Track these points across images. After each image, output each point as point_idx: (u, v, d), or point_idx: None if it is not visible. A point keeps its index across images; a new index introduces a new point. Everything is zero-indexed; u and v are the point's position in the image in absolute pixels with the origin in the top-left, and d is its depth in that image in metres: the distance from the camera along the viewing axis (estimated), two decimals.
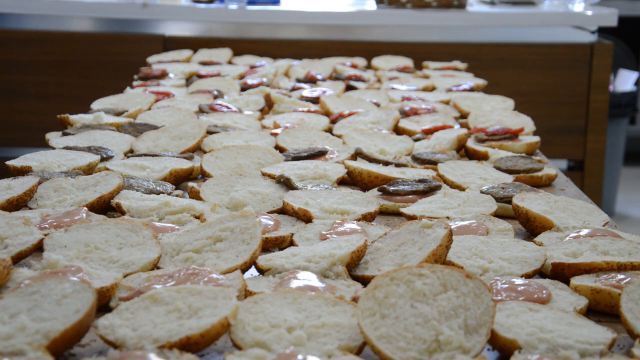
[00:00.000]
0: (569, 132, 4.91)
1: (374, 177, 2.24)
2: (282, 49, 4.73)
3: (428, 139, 2.68)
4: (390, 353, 1.28)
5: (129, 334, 1.30)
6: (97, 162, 2.28)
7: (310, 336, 1.34)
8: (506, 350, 1.34)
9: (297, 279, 1.53)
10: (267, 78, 3.51)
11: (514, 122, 2.84)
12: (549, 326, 1.39)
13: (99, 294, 1.45)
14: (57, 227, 1.78)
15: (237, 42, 4.69)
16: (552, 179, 2.39)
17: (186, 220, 1.90)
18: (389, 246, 1.70)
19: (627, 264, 1.63)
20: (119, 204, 1.96)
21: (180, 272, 1.53)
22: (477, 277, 1.38)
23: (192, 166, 2.29)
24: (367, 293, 1.36)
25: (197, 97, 3.15)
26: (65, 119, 2.70)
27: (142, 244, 1.68)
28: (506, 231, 1.87)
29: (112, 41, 4.85)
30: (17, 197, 1.95)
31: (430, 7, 4.91)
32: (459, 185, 2.24)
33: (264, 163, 2.37)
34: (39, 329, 1.28)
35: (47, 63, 4.83)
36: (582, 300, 1.54)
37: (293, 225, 1.92)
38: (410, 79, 3.67)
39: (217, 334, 1.32)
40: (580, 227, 1.87)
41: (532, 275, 1.65)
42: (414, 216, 1.96)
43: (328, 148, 2.48)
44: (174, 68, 3.71)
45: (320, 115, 2.94)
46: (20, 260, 1.67)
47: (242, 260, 1.62)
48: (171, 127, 2.59)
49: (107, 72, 4.82)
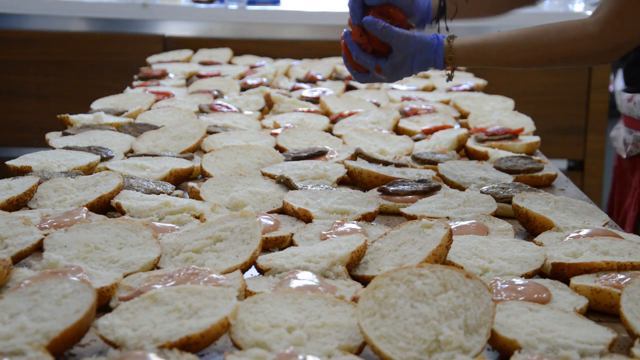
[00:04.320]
0: (569, 132, 4.91)
1: (374, 177, 2.24)
2: (282, 49, 4.73)
3: (428, 139, 2.69)
4: (390, 353, 1.28)
5: (129, 334, 1.30)
6: (97, 162, 2.28)
7: (310, 336, 1.34)
8: (506, 350, 1.34)
9: (297, 279, 1.53)
10: (267, 78, 3.51)
11: (514, 122, 2.84)
12: (549, 326, 1.39)
13: (99, 294, 1.45)
14: (57, 227, 1.78)
15: (237, 42, 4.69)
16: (552, 179, 2.39)
17: (186, 220, 1.90)
18: (389, 246, 1.70)
19: (627, 264, 1.63)
20: (119, 204, 1.96)
21: (180, 272, 1.53)
22: (477, 277, 1.39)
23: (192, 166, 2.29)
24: (367, 293, 1.36)
25: (197, 97, 3.15)
26: (65, 119, 2.70)
27: (142, 244, 1.68)
28: (506, 231, 1.87)
29: (112, 41, 4.85)
30: (17, 197, 1.95)
31: None
32: (459, 185, 2.24)
33: (264, 163, 2.37)
34: (39, 329, 1.28)
35: (47, 63, 4.83)
36: (582, 300, 1.54)
37: (293, 225, 1.92)
38: (410, 79, 3.67)
39: (217, 334, 1.32)
40: (580, 227, 1.87)
41: (532, 275, 1.65)
42: (414, 216, 1.96)
43: (328, 148, 2.48)
44: (174, 68, 3.71)
45: (320, 115, 2.94)
46: (20, 260, 1.67)
47: (242, 260, 1.62)
48: (171, 127, 2.59)
49: (107, 72, 4.82)
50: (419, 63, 2.25)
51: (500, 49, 2.22)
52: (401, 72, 2.27)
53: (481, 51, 2.24)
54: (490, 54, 2.24)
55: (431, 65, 2.26)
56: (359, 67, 2.32)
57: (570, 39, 2.16)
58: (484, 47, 2.24)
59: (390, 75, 2.28)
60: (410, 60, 2.24)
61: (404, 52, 2.23)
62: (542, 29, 2.20)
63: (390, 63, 2.25)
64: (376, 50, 2.28)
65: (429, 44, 2.23)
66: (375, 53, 2.28)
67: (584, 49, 2.16)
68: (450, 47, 2.23)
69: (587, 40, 2.15)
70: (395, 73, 2.27)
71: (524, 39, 2.21)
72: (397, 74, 2.28)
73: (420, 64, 2.25)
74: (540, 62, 2.24)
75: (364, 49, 2.28)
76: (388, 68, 2.26)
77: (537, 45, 2.19)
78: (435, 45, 2.23)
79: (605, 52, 2.17)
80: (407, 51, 2.23)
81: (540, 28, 2.21)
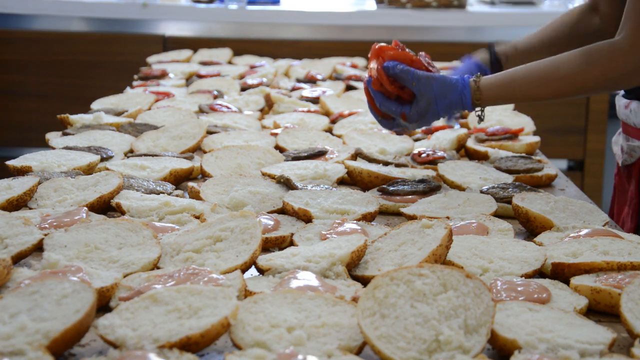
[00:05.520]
0: (569, 132, 4.91)
1: (374, 177, 2.24)
2: (282, 49, 4.73)
3: (428, 139, 2.69)
4: (390, 353, 1.28)
5: (129, 334, 1.30)
6: (97, 162, 2.28)
7: (310, 336, 1.34)
8: (506, 350, 1.34)
9: (297, 279, 1.53)
10: (267, 78, 3.51)
11: (514, 122, 2.84)
12: (549, 326, 1.39)
13: (99, 294, 1.45)
14: (57, 227, 1.78)
15: (237, 42, 4.68)
16: (552, 179, 2.39)
17: (186, 220, 1.90)
18: (389, 246, 1.70)
19: (627, 264, 1.63)
20: (119, 204, 1.96)
21: (180, 272, 1.53)
22: (477, 277, 1.39)
23: (192, 166, 2.29)
24: (367, 293, 1.36)
25: (197, 97, 3.15)
26: (65, 119, 2.70)
27: (142, 244, 1.68)
28: (506, 231, 1.87)
29: (112, 41, 4.85)
30: (17, 197, 1.95)
31: (430, 7, 4.91)
32: (459, 185, 2.24)
33: (264, 163, 2.37)
34: (39, 329, 1.28)
35: (47, 63, 4.83)
36: (582, 300, 1.54)
37: (293, 225, 1.92)
38: None
39: (217, 334, 1.32)
40: (580, 227, 1.87)
41: (532, 275, 1.65)
42: (414, 216, 1.96)
43: (328, 148, 2.48)
44: (174, 68, 3.71)
45: (320, 115, 2.94)
46: (20, 260, 1.67)
47: (242, 260, 1.62)
48: (171, 127, 2.59)
49: (107, 72, 4.81)
50: (444, 106, 2.16)
51: (530, 83, 2.13)
52: (427, 117, 2.18)
53: (510, 88, 2.15)
54: (521, 90, 2.14)
55: (459, 108, 2.17)
56: (384, 115, 2.24)
57: (601, 60, 2.06)
58: (512, 83, 2.15)
59: (416, 121, 2.19)
60: (435, 104, 2.15)
61: (428, 95, 2.15)
62: (571, 55, 2.10)
63: (415, 109, 2.17)
64: (400, 97, 2.19)
65: (454, 86, 2.15)
66: (400, 100, 2.20)
67: (617, 68, 2.05)
68: (478, 87, 2.15)
69: (619, 58, 2.04)
70: (421, 119, 2.19)
71: (552, 69, 2.11)
72: (424, 120, 2.19)
73: (446, 106, 2.16)
74: (574, 91, 2.13)
75: (387, 97, 2.20)
76: (414, 115, 2.17)
77: (568, 74, 2.08)
78: (461, 87, 2.15)
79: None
80: (430, 94, 2.15)
81: (569, 55, 2.10)
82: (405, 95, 2.19)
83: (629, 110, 2.31)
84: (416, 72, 2.16)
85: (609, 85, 2.13)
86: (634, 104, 2.31)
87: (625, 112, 2.33)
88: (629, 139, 2.35)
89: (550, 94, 2.15)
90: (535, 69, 2.14)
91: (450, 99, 2.16)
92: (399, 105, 2.20)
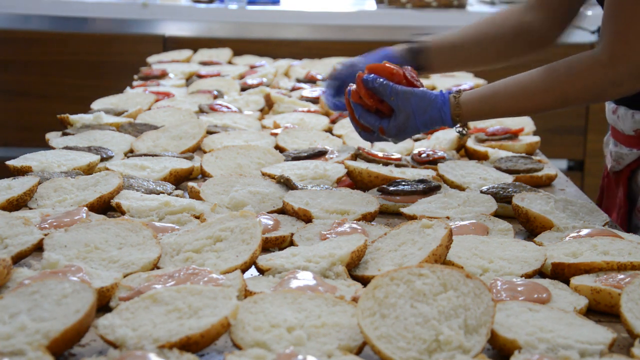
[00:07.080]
0: (569, 132, 4.91)
1: (374, 177, 2.24)
2: (282, 49, 4.73)
3: (428, 139, 2.69)
4: (390, 353, 1.28)
5: (129, 334, 1.30)
6: (97, 162, 2.28)
7: (310, 336, 1.34)
8: (506, 350, 1.34)
9: (297, 279, 1.53)
10: (267, 78, 3.51)
11: (513, 122, 2.84)
12: (549, 326, 1.39)
13: (99, 294, 1.45)
14: (57, 227, 1.78)
15: (237, 42, 4.68)
16: (552, 179, 2.39)
17: (186, 220, 1.90)
18: (389, 246, 1.70)
19: (627, 264, 1.63)
20: (119, 204, 1.96)
21: (180, 272, 1.53)
22: (477, 277, 1.39)
23: (192, 166, 2.29)
24: (367, 293, 1.36)
25: (197, 97, 3.15)
26: (66, 119, 2.70)
27: (142, 244, 1.68)
28: (506, 231, 1.87)
29: (112, 41, 4.85)
30: (17, 197, 1.95)
31: (430, 7, 4.91)
32: (459, 185, 2.24)
33: (264, 163, 2.37)
34: (39, 329, 1.28)
35: (47, 63, 4.83)
36: (582, 300, 1.54)
37: (293, 225, 1.92)
38: None
39: (217, 334, 1.32)
40: (580, 227, 1.87)
41: (532, 275, 1.65)
42: (414, 216, 1.96)
43: (328, 148, 2.48)
44: (174, 68, 3.71)
45: (320, 115, 2.94)
46: (20, 260, 1.67)
47: (242, 260, 1.62)
48: (171, 127, 2.59)
49: (107, 72, 4.81)
50: (423, 122, 2.11)
51: (511, 97, 2.09)
52: (406, 132, 2.14)
53: (491, 102, 2.10)
54: (502, 104, 2.10)
55: (438, 124, 2.13)
56: (364, 127, 2.20)
57: (582, 73, 2.02)
58: (493, 97, 2.10)
59: (395, 136, 2.16)
60: (414, 119, 2.11)
61: (406, 110, 2.10)
62: (551, 67, 2.06)
63: (393, 124, 2.13)
64: (380, 111, 2.16)
65: (433, 102, 2.10)
66: (379, 113, 2.16)
67: (597, 80, 2.01)
68: (458, 103, 2.10)
69: (598, 70, 2.00)
70: (400, 134, 2.15)
71: (532, 82, 2.06)
72: (403, 134, 2.15)
73: (425, 122, 2.12)
74: (555, 104, 2.08)
75: (367, 109, 2.16)
76: (392, 129, 2.13)
77: (548, 87, 2.04)
78: (440, 103, 2.10)
79: (622, 80, 2.00)
80: (409, 109, 2.10)
81: (549, 67, 2.06)
82: (384, 109, 2.16)
83: (616, 116, 2.29)
84: (395, 87, 2.12)
85: (590, 97, 2.09)
86: (621, 109, 2.27)
87: (613, 117, 2.31)
88: (617, 144, 2.32)
89: (533, 108, 2.12)
90: (516, 82, 2.10)
91: (430, 115, 2.11)
92: (377, 119, 2.16)
